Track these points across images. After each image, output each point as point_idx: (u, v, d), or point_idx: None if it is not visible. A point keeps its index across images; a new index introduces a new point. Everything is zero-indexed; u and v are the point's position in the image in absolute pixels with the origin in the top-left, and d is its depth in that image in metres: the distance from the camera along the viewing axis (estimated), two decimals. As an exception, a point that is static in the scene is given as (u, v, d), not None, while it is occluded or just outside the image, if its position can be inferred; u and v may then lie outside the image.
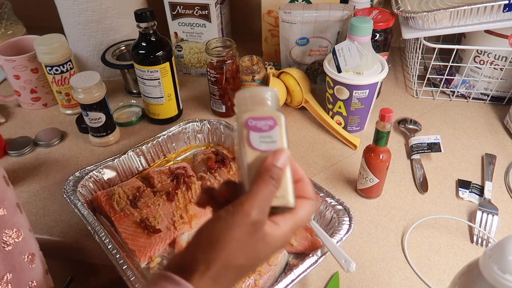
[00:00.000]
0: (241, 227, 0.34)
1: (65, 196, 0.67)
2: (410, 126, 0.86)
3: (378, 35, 0.85)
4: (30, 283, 0.51)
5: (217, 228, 0.35)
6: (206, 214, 0.68)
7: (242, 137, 0.37)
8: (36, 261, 0.53)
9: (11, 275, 0.48)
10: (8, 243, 0.48)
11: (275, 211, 0.37)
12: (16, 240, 0.49)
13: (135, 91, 1.00)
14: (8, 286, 0.48)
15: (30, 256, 0.51)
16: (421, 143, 0.79)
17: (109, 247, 0.59)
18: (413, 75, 0.97)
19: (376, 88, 0.79)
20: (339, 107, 0.83)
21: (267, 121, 0.37)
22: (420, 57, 0.93)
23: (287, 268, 0.60)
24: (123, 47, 1.00)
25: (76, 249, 0.67)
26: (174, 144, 0.81)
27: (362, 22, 0.74)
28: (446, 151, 0.80)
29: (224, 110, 0.90)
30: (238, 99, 0.39)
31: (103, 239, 0.60)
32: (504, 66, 0.86)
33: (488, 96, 0.92)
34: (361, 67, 0.77)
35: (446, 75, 0.91)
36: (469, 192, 0.72)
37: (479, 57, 0.89)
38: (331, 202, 0.64)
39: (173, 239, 0.64)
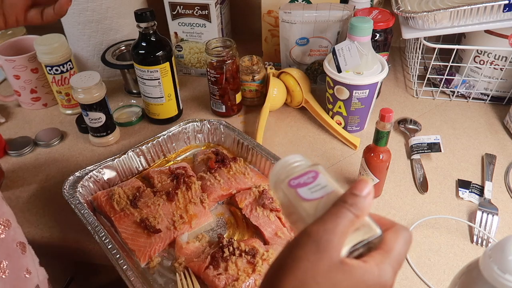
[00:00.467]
0: (303, 246, 0.30)
1: (65, 196, 0.67)
2: (410, 126, 0.86)
3: (378, 35, 0.85)
4: (25, 271, 0.52)
5: (282, 253, 0.32)
6: (206, 214, 0.68)
7: (292, 200, 0.35)
8: (28, 251, 0.54)
9: (7, 262, 0.49)
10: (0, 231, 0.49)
11: (363, 251, 0.33)
12: (7, 228, 0.50)
13: (135, 91, 1.00)
14: (6, 273, 0.48)
15: (20, 245, 0.52)
16: (421, 143, 0.79)
17: (109, 247, 0.59)
18: (413, 75, 0.97)
19: (376, 88, 0.79)
20: (339, 107, 0.83)
21: (309, 175, 0.36)
22: (420, 57, 0.93)
23: (287, 268, 0.60)
24: (123, 47, 1.00)
25: (76, 249, 0.67)
26: (174, 144, 0.81)
27: (362, 22, 0.74)
28: (446, 151, 0.80)
29: (224, 110, 0.90)
30: (272, 176, 0.38)
31: (103, 239, 0.60)
32: (504, 66, 0.86)
33: (488, 96, 0.92)
34: (361, 67, 0.77)
35: (446, 75, 0.91)
36: (469, 192, 0.72)
37: (479, 57, 0.89)
38: (331, 202, 0.64)
39: (173, 239, 0.64)
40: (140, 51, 0.81)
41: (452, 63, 0.88)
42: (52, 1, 0.57)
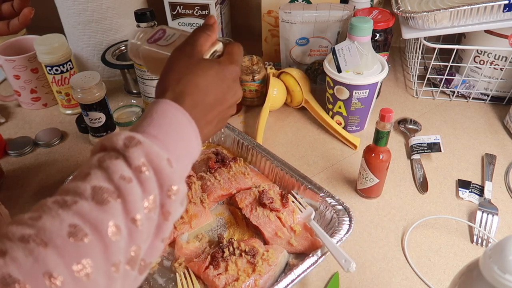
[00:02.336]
0: (177, 55, 0.46)
1: (65, 196, 0.67)
2: (410, 126, 0.86)
3: (378, 35, 0.85)
4: None
5: (169, 59, 0.47)
6: (206, 214, 0.68)
7: (155, 52, 0.50)
8: None
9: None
10: None
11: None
12: None
13: (135, 91, 1.00)
14: None
15: None
16: (421, 143, 0.79)
17: (109, 247, 0.59)
18: (413, 75, 0.97)
19: (376, 88, 0.79)
20: (339, 107, 0.83)
21: (158, 32, 0.52)
22: (420, 57, 0.93)
23: (287, 268, 0.60)
24: (123, 47, 1.00)
25: (76, 249, 0.67)
26: (174, 144, 0.81)
27: (362, 22, 0.74)
28: (446, 151, 0.80)
29: (224, 110, 0.90)
30: (132, 45, 0.52)
31: (103, 239, 0.60)
32: (504, 66, 0.87)
33: (488, 96, 0.92)
34: (361, 67, 0.77)
35: (446, 75, 0.91)
36: (469, 192, 0.72)
37: (479, 57, 0.89)
38: (331, 202, 0.64)
39: (173, 239, 0.64)
40: (140, 51, 0.80)
41: (452, 63, 0.88)
42: (15, 14, 0.65)
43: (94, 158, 0.36)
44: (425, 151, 0.78)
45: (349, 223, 0.61)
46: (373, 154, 0.66)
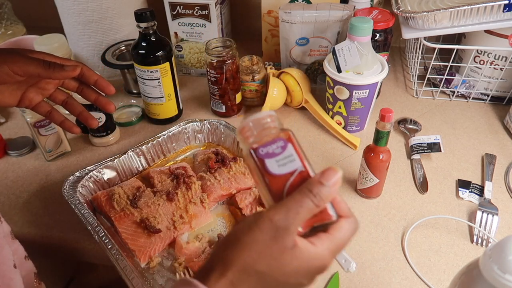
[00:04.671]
0: (263, 230, 0.33)
1: (65, 196, 0.67)
2: (410, 126, 0.86)
3: (378, 35, 0.85)
4: (13, 261, 0.52)
5: (239, 229, 0.34)
6: (206, 214, 0.68)
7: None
8: (15, 243, 0.55)
9: None
10: None
11: (316, 229, 0.35)
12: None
13: (135, 91, 1.00)
14: None
15: (5, 237, 0.53)
16: (421, 143, 0.79)
17: (109, 247, 0.59)
18: (413, 75, 0.97)
19: (376, 88, 0.79)
20: (339, 107, 0.83)
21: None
22: (420, 57, 0.93)
23: (287, 268, 0.60)
24: (123, 47, 1.00)
25: (76, 249, 0.67)
26: (174, 144, 0.81)
27: (362, 22, 0.74)
28: (446, 151, 0.80)
29: (224, 110, 0.90)
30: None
31: (103, 239, 0.60)
32: (504, 66, 0.86)
33: (488, 96, 0.92)
34: (361, 67, 0.77)
35: (446, 75, 0.91)
36: (469, 192, 0.72)
37: (479, 57, 0.89)
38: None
39: (173, 239, 0.64)
40: (140, 51, 0.81)
41: (452, 63, 0.88)
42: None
43: None
44: (425, 151, 0.78)
45: (349, 223, 0.61)
46: (373, 154, 0.66)
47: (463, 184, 0.73)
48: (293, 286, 0.34)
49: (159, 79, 0.83)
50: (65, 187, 0.68)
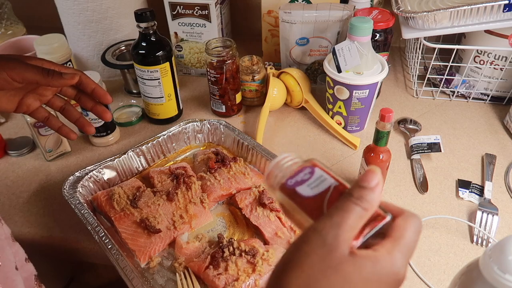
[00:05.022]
0: (312, 242, 0.29)
1: (65, 196, 0.67)
2: (410, 126, 0.86)
3: (378, 35, 0.85)
4: (15, 263, 0.52)
5: (286, 253, 0.31)
6: (206, 214, 0.68)
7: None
8: (15, 245, 0.55)
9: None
10: None
11: (372, 240, 0.31)
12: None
13: (135, 91, 1.00)
14: None
15: (6, 239, 0.53)
16: (421, 143, 0.79)
17: (109, 247, 0.59)
18: (413, 75, 0.97)
19: (376, 88, 0.79)
20: (339, 107, 0.83)
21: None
22: (420, 57, 0.93)
23: (287, 268, 0.60)
24: (123, 47, 1.00)
25: (76, 249, 0.67)
26: (174, 144, 0.81)
27: (362, 22, 0.74)
28: (446, 151, 0.80)
29: (224, 110, 0.90)
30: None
31: (103, 239, 0.60)
32: (504, 66, 0.86)
33: (488, 96, 0.92)
34: (361, 67, 0.77)
35: (446, 75, 0.91)
36: (469, 192, 0.72)
37: (479, 57, 0.89)
38: (331, 202, 0.64)
39: (173, 239, 0.64)
40: (140, 51, 0.81)
41: (452, 63, 0.88)
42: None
43: None
44: (425, 151, 0.78)
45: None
46: (373, 154, 0.66)
47: (463, 184, 0.73)
48: None
49: (159, 79, 0.83)
50: (65, 187, 0.68)
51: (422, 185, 0.73)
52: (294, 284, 0.28)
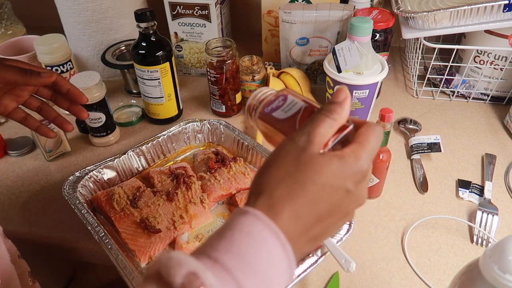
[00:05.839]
0: (286, 147, 0.34)
1: (65, 196, 0.67)
2: (410, 126, 0.86)
3: (378, 35, 0.85)
4: (9, 257, 0.52)
5: (269, 156, 0.36)
6: (206, 214, 0.68)
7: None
8: (8, 242, 0.56)
9: None
10: None
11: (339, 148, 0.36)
12: None
13: (135, 91, 1.00)
14: None
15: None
16: (421, 143, 0.79)
17: (109, 247, 0.59)
18: (413, 75, 0.97)
19: (376, 88, 0.79)
20: (339, 107, 0.83)
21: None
22: (420, 57, 0.93)
23: (287, 268, 0.60)
24: (123, 47, 1.00)
25: (76, 249, 0.67)
26: (174, 144, 0.81)
27: (362, 22, 0.74)
28: (446, 151, 0.80)
29: (224, 110, 0.90)
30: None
31: (103, 239, 0.60)
32: (504, 66, 0.86)
33: (488, 96, 0.92)
34: (361, 67, 0.77)
35: (446, 75, 0.91)
36: (469, 192, 0.72)
37: (479, 57, 0.89)
38: (331, 202, 0.64)
39: (173, 239, 0.64)
40: (140, 51, 0.81)
41: (452, 63, 0.88)
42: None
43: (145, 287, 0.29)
44: (425, 151, 0.78)
45: (349, 223, 0.61)
46: (373, 154, 0.66)
47: (463, 184, 0.73)
48: (338, 191, 0.33)
49: (159, 79, 0.83)
50: (65, 187, 0.68)
51: (422, 185, 0.73)
52: (273, 178, 0.33)
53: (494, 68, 0.88)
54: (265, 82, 0.91)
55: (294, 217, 0.32)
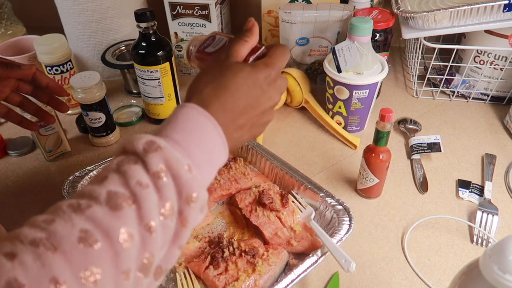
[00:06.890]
0: (212, 62, 0.47)
1: (65, 196, 0.67)
2: (410, 126, 0.86)
3: (378, 35, 0.85)
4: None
5: (201, 70, 0.46)
6: (206, 214, 0.68)
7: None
8: None
9: None
10: None
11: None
12: None
13: (135, 91, 1.00)
14: None
15: None
16: (421, 143, 0.79)
17: (109, 247, 0.59)
18: (413, 75, 0.97)
19: (376, 88, 0.79)
20: (339, 107, 0.83)
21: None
22: (420, 57, 0.93)
23: (287, 268, 0.60)
24: (123, 47, 1.00)
25: (76, 249, 0.67)
26: (174, 144, 0.81)
27: (362, 22, 0.74)
28: (446, 151, 0.80)
29: (224, 110, 0.90)
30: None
31: (103, 239, 0.60)
32: (504, 66, 0.87)
33: (488, 96, 0.92)
34: (361, 67, 0.77)
35: (446, 75, 0.91)
36: (469, 192, 0.72)
37: (479, 57, 0.89)
38: (331, 202, 0.64)
39: (173, 239, 0.64)
40: (140, 51, 0.81)
41: (452, 63, 0.88)
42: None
43: (114, 161, 0.35)
44: (425, 151, 0.78)
45: (349, 223, 0.61)
46: (373, 154, 0.66)
47: (463, 184, 0.73)
48: (253, 89, 0.43)
49: (159, 79, 0.83)
50: (65, 187, 0.68)
51: (422, 185, 0.73)
52: (203, 82, 0.42)
53: (494, 68, 0.88)
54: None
55: (221, 109, 0.41)
